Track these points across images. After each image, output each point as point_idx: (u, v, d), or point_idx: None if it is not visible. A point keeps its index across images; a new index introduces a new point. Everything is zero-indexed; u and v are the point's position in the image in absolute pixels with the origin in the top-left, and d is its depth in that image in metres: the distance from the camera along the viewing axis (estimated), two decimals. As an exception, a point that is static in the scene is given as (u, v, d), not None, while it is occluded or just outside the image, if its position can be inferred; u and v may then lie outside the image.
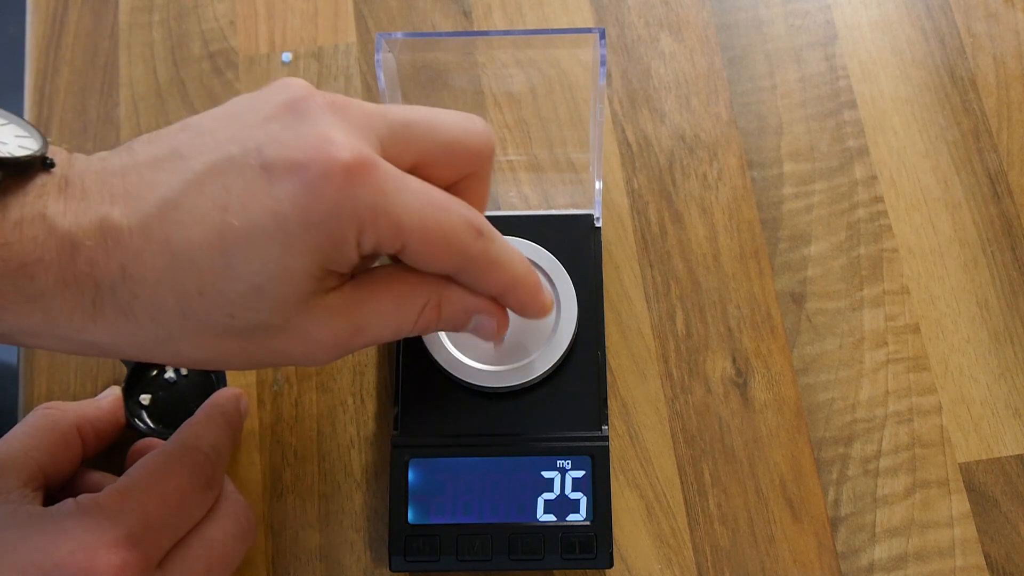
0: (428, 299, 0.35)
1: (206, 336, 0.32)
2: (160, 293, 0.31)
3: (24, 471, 0.36)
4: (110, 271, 0.31)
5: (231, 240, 0.30)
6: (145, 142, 0.33)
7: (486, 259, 0.35)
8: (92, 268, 0.31)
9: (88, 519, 0.33)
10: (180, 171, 0.31)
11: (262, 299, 0.31)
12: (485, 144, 0.35)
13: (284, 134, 0.31)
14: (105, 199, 0.31)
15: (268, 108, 0.32)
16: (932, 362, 0.45)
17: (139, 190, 0.31)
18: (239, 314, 0.32)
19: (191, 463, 0.36)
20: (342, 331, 0.34)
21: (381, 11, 0.52)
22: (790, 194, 0.48)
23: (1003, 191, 0.47)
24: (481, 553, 0.40)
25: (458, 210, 0.34)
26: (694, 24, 0.51)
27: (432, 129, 0.34)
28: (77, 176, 0.32)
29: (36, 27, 0.52)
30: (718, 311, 0.46)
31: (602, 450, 0.41)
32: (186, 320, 0.32)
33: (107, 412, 0.41)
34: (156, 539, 0.34)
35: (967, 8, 0.50)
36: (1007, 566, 0.42)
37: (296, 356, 0.34)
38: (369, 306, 0.34)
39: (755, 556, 0.43)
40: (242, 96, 0.34)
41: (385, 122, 0.33)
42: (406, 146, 0.33)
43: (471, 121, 0.35)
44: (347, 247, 0.32)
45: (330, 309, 0.33)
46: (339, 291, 0.33)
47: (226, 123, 0.32)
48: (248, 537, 0.38)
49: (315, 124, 0.31)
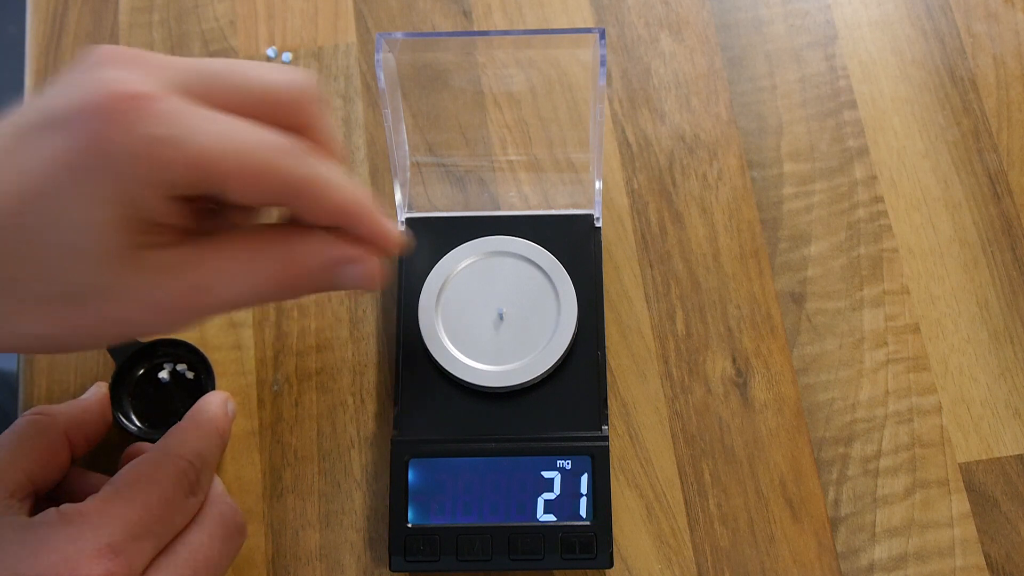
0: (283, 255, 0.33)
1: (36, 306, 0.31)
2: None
3: (10, 482, 0.36)
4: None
5: (29, 204, 0.29)
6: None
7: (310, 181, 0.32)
8: None
9: (70, 529, 0.33)
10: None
11: (75, 258, 0.30)
12: (301, 94, 0.33)
13: (71, 88, 0.30)
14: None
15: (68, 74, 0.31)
16: (932, 362, 0.45)
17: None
18: (57, 277, 0.30)
19: (175, 470, 0.36)
20: (180, 291, 0.31)
21: (381, 11, 0.52)
22: (790, 194, 0.48)
23: (1003, 191, 0.47)
24: (481, 553, 0.40)
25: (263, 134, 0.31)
26: (694, 24, 0.51)
27: (237, 78, 0.32)
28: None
29: (36, 27, 0.52)
30: (718, 311, 0.46)
31: (602, 450, 0.41)
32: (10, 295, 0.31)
33: (95, 412, 0.41)
34: (139, 547, 0.34)
35: (967, 8, 0.50)
36: (1007, 566, 0.42)
37: (138, 322, 0.32)
38: (212, 263, 0.32)
39: (755, 556, 0.43)
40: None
41: (184, 69, 0.31)
42: (210, 94, 0.31)
43: (284, 72, 0.33)
44: (147, 188, 0.30)
45: (164, 268, 0.31)
46: (173, 248, 0.31)
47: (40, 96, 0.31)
48: (236, 540, 0.38)
49: (100, 74, 0.30)
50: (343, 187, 0.33)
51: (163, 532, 0.35)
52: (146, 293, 0.31)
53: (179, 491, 0.36)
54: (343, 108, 0.50)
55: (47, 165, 0.29)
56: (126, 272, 0.31)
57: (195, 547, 0.36)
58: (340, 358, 0.46)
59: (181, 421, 0.39)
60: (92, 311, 0.31)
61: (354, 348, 0.46)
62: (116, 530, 0.33)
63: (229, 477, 0.44)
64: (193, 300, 0.32)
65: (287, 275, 0.33)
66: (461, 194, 0.48)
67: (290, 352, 0.46)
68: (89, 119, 0.29)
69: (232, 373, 0.46)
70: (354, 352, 0.46)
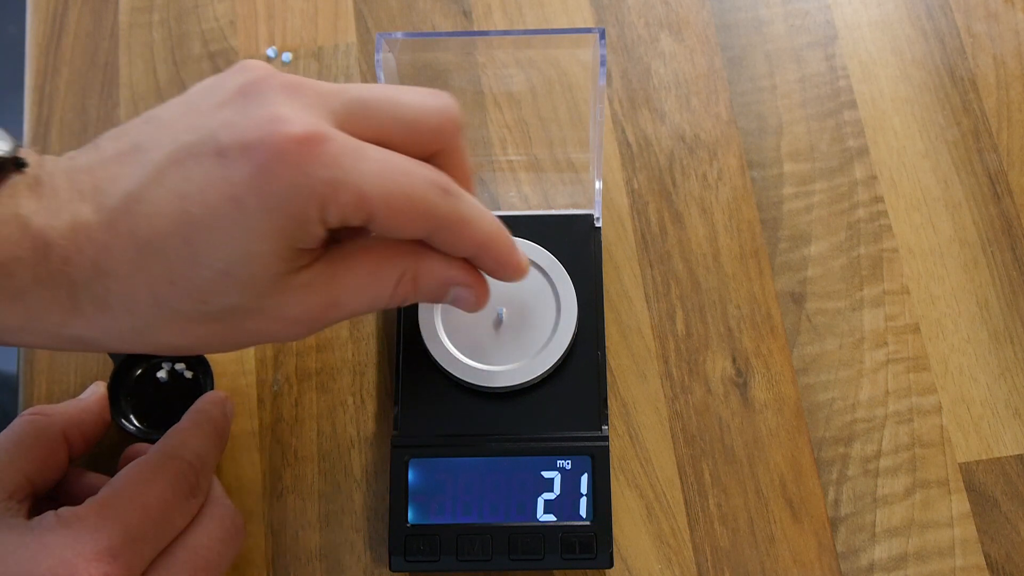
0: (404, 271, 0.34)
1: (182, 323, 0.32)
2: (132, 285, 0.31)
3: (9, 483, 0.36)
4: (83, 267, 0.31)
5: (193, 229, 0.30)
6: (110, 138, 0.33)
7: (456, 217, 0.34)
8: (66, 265, 0.31)
9: (68, 532, 0.33)
10: (141, 164, 0.31)
11: (231, 284, 0.31)
12: (448, 120, 0.34)
13: (236, 117, 0.31)
14: (75, 196, 0.31)
15: (223, 94, 0.32)
16: (932, 362, 0.45)
17: (105, 185, 0.31)
18: (211, 300, 0.32)
19: (174, 472, 0.36)
20: (317, 307, 0.33)
21: (381, 11, 0.52)
22: (790, 194, 0.48)
23: (1003, 191, 0.47)
24: (481, 553, 0.40)
25: (421, 172, 0.33)
26: (694, 24, 0.51)
27: (390, 106, 0.33)
28: (47, 175, 0.32)
29: (36, 27, 0.52)
30: (718, 311, 0.46)
31: (602, 450, 0.41)
32: (160, 309, 0.32)
33: (93, 413, 0.41)
34: (138, 550, 0.34)
35: (967, 8, 0.50)
36: (1007, 566, 0.42)
37: (273, 334, 0.34)
38: (344, 280, 0.34)
39: (755, 556, 0.43)
40: (202, 82, 0.34)
41: (341, 100, 0.32)
42: (364, 123, 0.33)
43: (434, 97, 0.34)
44: (311, 224, 0.31)
45: (303, 286, 0.33)
46: (311, 268, 0.33)
47: (184, 112, 0.32)
48: (236, 541, 0.38)
49: (266, 104, 0.31)
50: (482, 223, 0.35)
51: (162, 534, 0.35)
52: (286, 310, 0.33)
53: (179, 493, 0.36)
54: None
55: (211, 195, 0.30)
56: (273, 294, 0.32)
57: (195, 549, 0.36)
58: (340, 358, 0.46)
59: (180, 422, 0.39)
60: (232, 326, 0.33)
61: (354, 348, 0.46)
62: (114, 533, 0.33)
63: (229, 477, 0.44)
64: (325, 313, 0.34)
65: (405, 289, 0.35)
66: (461, 194, 0.48)
67: (290, 352, 0.46)
68: (260, 158, 0.30)
69: (232, 373, 0.46)
70: (354, 352, 0.46)
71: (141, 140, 0.32)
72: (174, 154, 0.31)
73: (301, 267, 0.33)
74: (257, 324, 0.33)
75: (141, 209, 0.31)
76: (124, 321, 0.32)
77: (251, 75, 0.32)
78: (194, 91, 0.33)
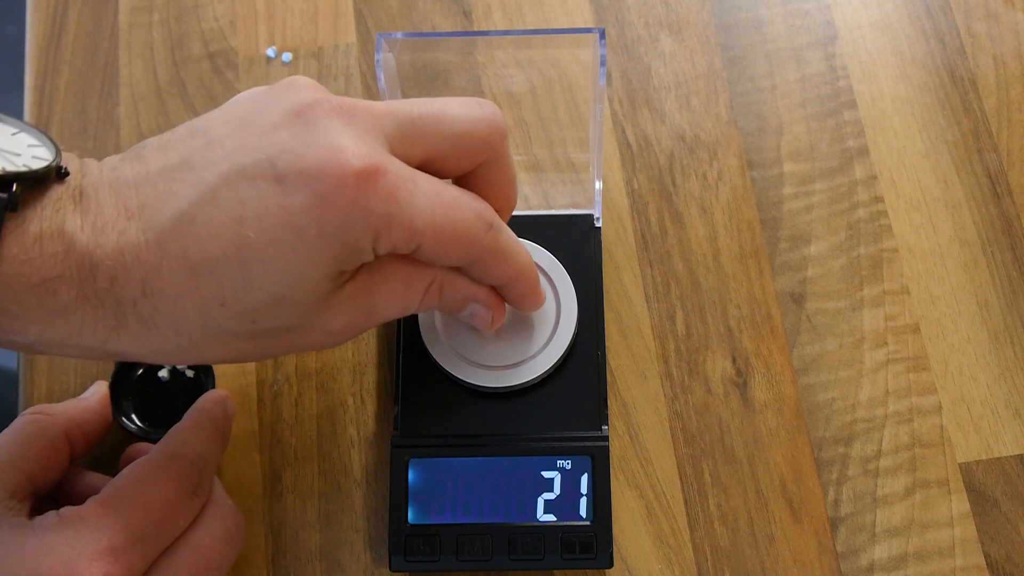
0: (433, 279, 0.36)
1: (227, 339, 0.33)
2: (181, 306, 0.31)
3: (10, 482, 0.36)
4: (130, 287, 0.31)
5: (248, 253, 0.31)
6: (155, 149, 0.33)
7: (495, 252, 0.35)
8: (112, 284, 0.31)
9: (70, 532, 0.33)
10: (192, 183, 0.31)
11: (283, 306, 0.32)
12: (495, 131, 0.35)
13: (294, 143, 0.31)
14: (121, 214, 0.31)
15: (276, 115, 0.32)
16: (932, 362, 0.45)
17: (153, 203, 0.31)
18: (261, 320, 0.32)
19: (176, 471, 0.36)
20: (357, 317, 0.34)
21: (381, 11, 0.52)
22: (790, 194, 0.48)
23: (1003, 191, 0.47)
24: (481, 553, 0.40)
25: (469, 205, 0.34)
26: (694, 24, 0.51)
27: (440, 123, 0.34)
28: (91, 188, 0.32)
29: (36, 27, 0.52)
30: (718, 311, 0.46)
31: (602, 450, 0.41)
32: (207, 329, 0.32)
33: (94, 412, 0.41)
34: (140, 550, 0.34)
35: (967, 8, 0.50)
36: (1007, 566, 0.42)
37: (313, 345, 0.35)
38: (380, 290, 0.35)
39: (755, 556, 0.43)
40: (249, 95, 0.34)
41: (393, 121, 0.33)
42: (415, 143, 0.34)
43: (480, 108, 0.35)
44: (363, 253, 0.32)
45: (345, 301, 0.34)
46: (351, 282, 0.34)
47: (235, 130, 0.32)
48: (236, 541, 0.38)
49: (324, 132, 0.31)
50: (516, 259, 0.37)
51: (164, 534, 0.35)
52: (329, 324, 0.34)
53: (181, 493, 0.36)
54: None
55: (268, 221, 0.30)
56: (320, 312, 0.33)
57: (196, 548, 0.36)
58: (340, 358, 0.46)
59: (181, 421, 0.39)
60: (277, 341, 0.34)
61: (354, 348, 0.46)
62: (116, 533, 0.33)
63: (229, 477, 0.44)
64: (360, 323, 0.35)
65: (432, 297, 0.36)
66: (461, 194, 0.48)
67: (290, 352, 0.46)
68: (321, 188, 0.30)
69: (232, 372, 0.46)
70: (354, 352, 0.46)
71: (189, 156, 0.32)
72: (229, 175, 0.31)
73: (343, 284, 0.33)
74: (301, 338, 0.34)
75: (193, 230, 0.31)
76: (170, 340, 0.32)
77: (305, 97, 0.32)
78: (242, 105, 0.33)
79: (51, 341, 0.32)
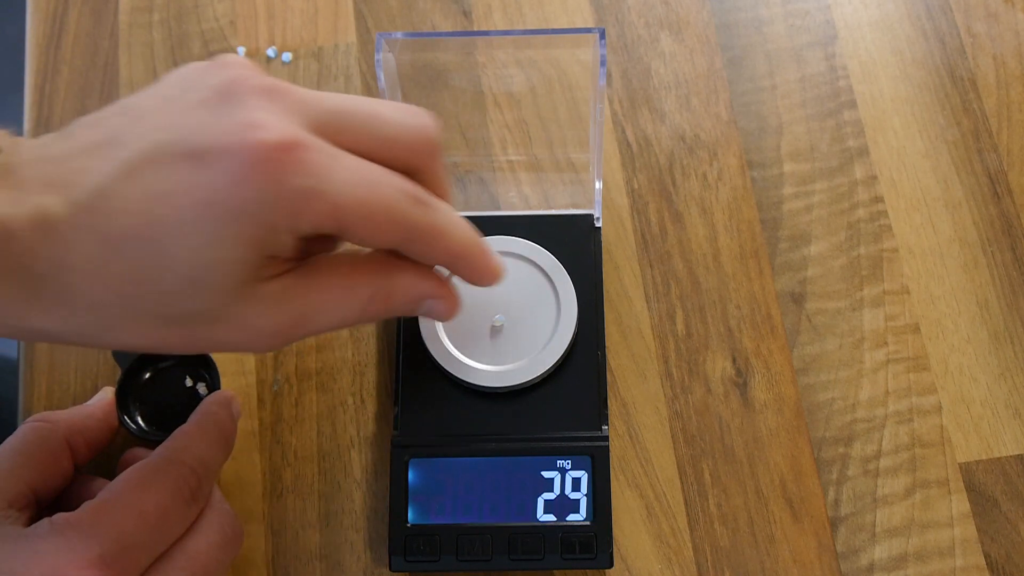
0: (376, 289, 0.34)
1: (145, 324, 0.32)
2: (95, 283, 0.30)
3: (10, 492, 0.35)
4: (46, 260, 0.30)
5: (161, 231, 0.30)
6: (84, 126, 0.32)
7: (430, 228, 0.33)
8: (28, 258, 0.30)
9: (60, 540, 0.33)
10: (113, 159, 0.30)
11: (197, 289, 0.31)
12: (425, 140, 0.34)
13: (212, 120, 0.30)
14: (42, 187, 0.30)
15: (201, 92, 0.31)
16: (932, 362, 0.45)
17: (74, 177, 0.30)
18: (175, 303, 0.31)
19: (174, 477, 0.36)
20: (284, 320, 0.33)
21: (381, 11, 0.52)
22: (790, 194, 0.48)
23: (1003, 191, 0.47)
24: (481, 553, 0.40)
25: (395, 182, 0.32)
26: (694, 24, 0.51)
27: (369, 121, 0.33)
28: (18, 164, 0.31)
29: (36, 27, 0.52)
30: (718, 311, 0.46)
31: (602, 450, 0.41)
32: (123, 309, 0.31)
33: (98, 420, 0.41)
34: (132, 557, 0.33)
35: (967, 8, 0.50)
36: (1007, 566, 0.42)
37: (237, 344, 0.33)
38: (313, 296, 0.33)
39: (755, 556, 0.43)
40: (180, 71, 0.33)
41: (320, 109, 0.32)
42: (340, 134, 0.32)
43: (414, 116, 0.34)
44: (281, 233, 0.31)
45: (271, 298, 0.32)
46: (281, 279, 0.32)
47: (160, 106, 0.31)
48: (234, 547, 0.38)
49: (243, 108, 0.30)
50: (456, 232, 0.34)
51: (159, 541, 0.35)
52: (252, 320, 0.32)
53: (178, 499, 0.35)
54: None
55: (183, 199, 0.30)
56: (240, 302, 0.32)
57: (193, 555, 0.36)
58: (340, 358, 0.46)
59: (185, 424, 0.39)
60: (195, 331, 0.32)
61: (354, 348, 0.46)
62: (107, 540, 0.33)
63: (229, 477, 0.44)
64: (293, 328, 0.33)
65: (377, 306, 0.34)
66: (461, 194, 0.48)
67: (290, 352, 0.46)
68: (236, 164, 0.29)
69: (232, 372, 0.46)
70: (354, 352, 0.46)
71: (115, 132, 0.31)
72: (147, 152, 0.30)
73: (270, 277, 0.32)
74: (221, 332, 0.32)
75: (109, 206, 0.30)
76: (85, 317, 0.31)
77: (230, 74, 0.31)
78: (172, 81, 0.32)
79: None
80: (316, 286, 0.33)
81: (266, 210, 0.30)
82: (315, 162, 0.30)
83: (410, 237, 0.33)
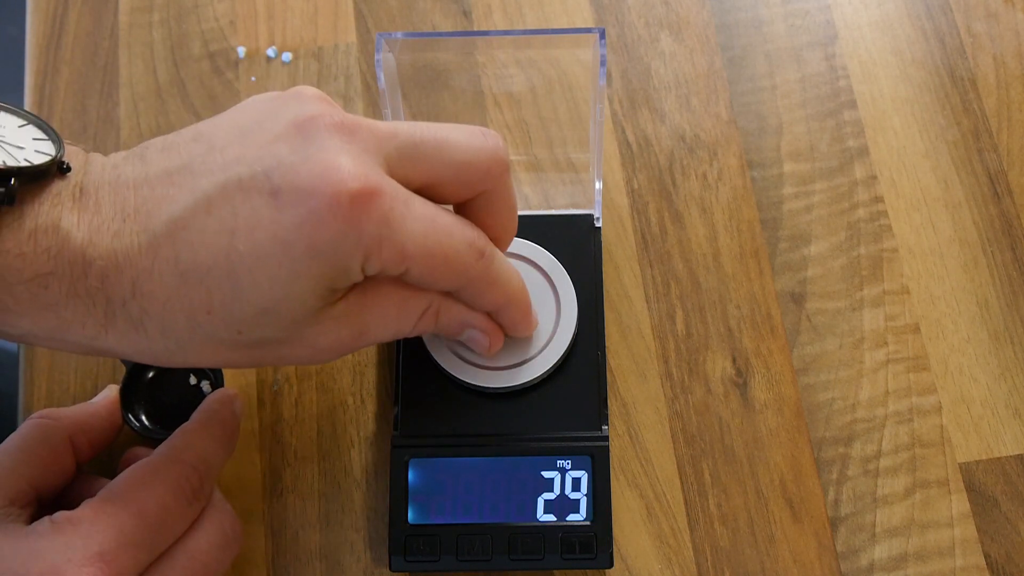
0: (428, 305, 0.36)
1: (214, 347, 0.33)
2: (169, 310, 0.32)
3: (12, 489, 0.35)
4: (121, 287, 0.31)
5: (238, 265, 0.31)
6: (158, 150, 0.33)
7: (485, 279, 0.36)
8: (103, 283, 0.31)
9: (60, 538, 0.33)
10: (190, 189, 0.31)
11: (269, 318, 0.32)
12: (496, 163, 0.35)
13: (292, 158, 0.31)
14: (118, 214, 0.31)
15: (278, 126, 0.32)
16: (932, 362, 0.45)
17: (150, 206, 0.31)
18: (247, 331, 0.32)
19: (175, 476, 0.36)
20: (346, 337, 0.34)
21: (381, 11, 0.52)
22: (790, 194, 0.48)
23: (1003, 191, 0.47)
24: (481, 553, 0.41)
25: (462, 233, 0.34)
26: (694, 24, 0.51)
27: (442, 150, 0.34)
28: (92, 185, 0.32)
29: (36, 27, 0.52)
30: (718, 311, 0.46)
31: (602, 450, 0.41)
32: (195, 334, 0.32)
33: (102, 418, 0.41)
34: (132, 555, 0.34)
35: (967, 8, 0.50)
36: (1007, 566, 0.42)
37: (299, 359, 0.35)
38: (372, 312, 0.35)
39: (755, 556, 0.43)
40: (256, 101, 0.34)
41: (395, 143, 0.33)
42: (415, 167, 0.34)
43: (483, 138, 0.35)
44: (352, 273, 0.32)
45: (334, 319, 0.34)
46: (343, 300, 0.34)
47: (237, 138, 0.32)
48: (233, 547, 0.38)
49: (323, 148, 0.31)
50: (507, 286, 0.37)
51: (159, 540, 0.35)
52: (315, 339, 0.34)
53: (179, 498, 0.36)
54: (343, 108, 0.49)
55: (260, 235, 0.31)
56: (308, 327, 0.33)
57: (193, 554, 0.36)
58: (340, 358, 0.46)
59: (188, 422, 0.39)
60: (262, 352, 0.34)
61: (354, 348, 0.46)
62: (107, 538, 0.33)
63: (229, 477, 0.44)
64: (353, 342, 0.35)
65: (427, 322, 0.36)
66: (461, 194, 0.48)
67: (290, 352, 0.46)
68: (316, 206, 0.30)
69: (232, 372, 0.46)
70: (354, 352, 0.46)
71: (190, 160, 0.32)
72: (225, 185, 0.31)
73: (335, 301, 0.33)
74: (288, 351, 0.34)
75: (186, 237, 0.31)
76: (157, 342, 0.32)
77: (308, 109, 0.32)
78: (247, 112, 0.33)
79: (41, 334, 0.32)
80: (374, 304, 0.35)
81: (341, 252, 0.31)
82: (390, 210, 0.31)
83: (465, 286, 0.35)
